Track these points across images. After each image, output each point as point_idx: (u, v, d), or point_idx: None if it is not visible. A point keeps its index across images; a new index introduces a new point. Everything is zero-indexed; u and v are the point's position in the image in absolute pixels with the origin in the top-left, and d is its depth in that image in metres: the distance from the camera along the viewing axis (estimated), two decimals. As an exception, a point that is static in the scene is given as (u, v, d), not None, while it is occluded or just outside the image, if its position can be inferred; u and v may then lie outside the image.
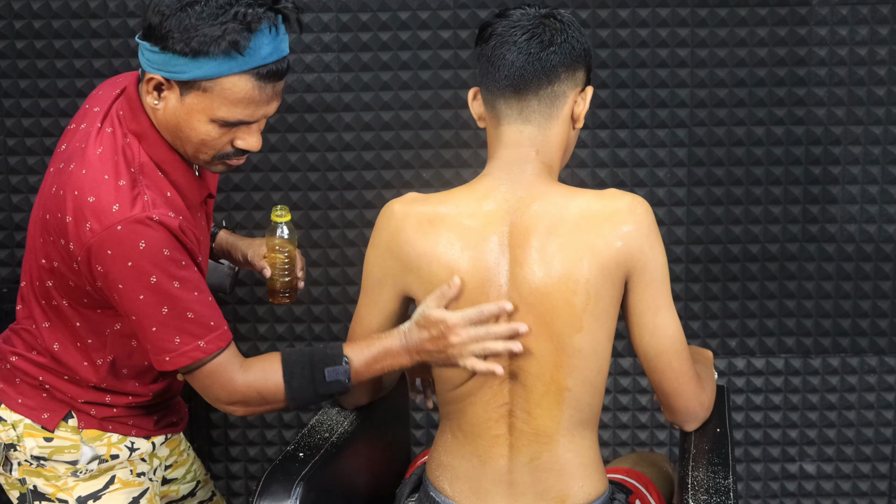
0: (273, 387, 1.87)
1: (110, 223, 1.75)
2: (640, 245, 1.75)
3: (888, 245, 2.81)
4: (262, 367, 1.88)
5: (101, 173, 1.78)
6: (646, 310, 1.79)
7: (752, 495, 2.97)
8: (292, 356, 1.89)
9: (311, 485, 1.81)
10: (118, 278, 1.77)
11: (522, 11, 1.81)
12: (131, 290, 1.78)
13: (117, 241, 1.75)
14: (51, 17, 2.73)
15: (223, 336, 1.85)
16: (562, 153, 1.84)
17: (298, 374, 1.87)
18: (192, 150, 1.83)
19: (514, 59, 1.77)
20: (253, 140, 1.84)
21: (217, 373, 1.85)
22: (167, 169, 1.85)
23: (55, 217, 1.81)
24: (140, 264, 1.75)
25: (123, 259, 1.75)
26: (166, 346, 1.81)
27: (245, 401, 1.88)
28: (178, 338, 1.81)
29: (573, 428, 1.81)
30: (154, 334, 1.81)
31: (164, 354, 1.82)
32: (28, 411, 1.96)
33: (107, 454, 1.99)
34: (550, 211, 1.75)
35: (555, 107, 1.80)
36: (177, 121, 1.80)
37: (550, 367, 1.76)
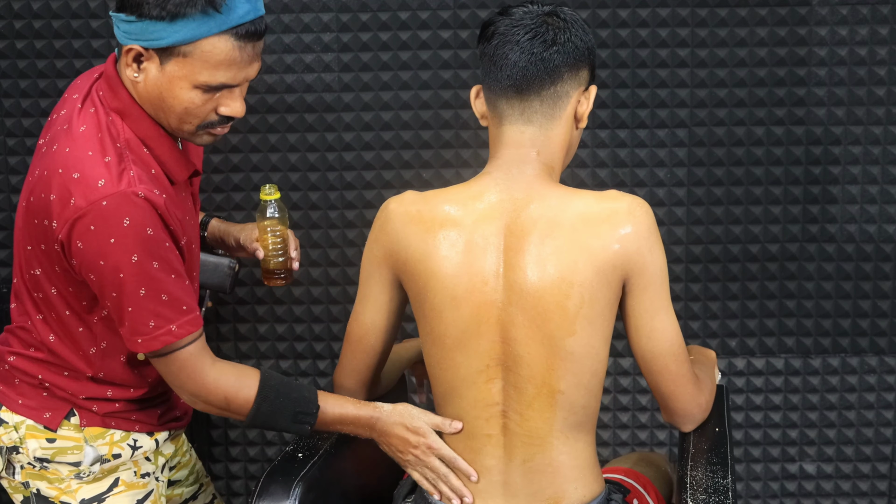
0: (242, 400, 1.89)
1: (95, 198, 1.73)
2: (639, 248, 1.74)
3: (888, 245, 2.81)
4: (237, 376, 1.89)
5: (86, 150, 1.77)
6: (643, 313, 1.78)
7: (752, 495, 2.97)
8: (271, 381, 1.91)
9: (310, 485, 1.81)
10: (99, 254, 1.75)
11: (525, 10, 1.79)
12: (112, 267, 1.75)
13: (101, 217, 1.73)
14: (51, 17, 2.74)
15: (195, 321, 1.84)
16: (563, 153, 1.83)
17: (271, 400, 1.89)
18: (176, 121, 1.82)
19: (517, 59, 1.76)
20: (237, 105, 1.83)
21: (188, 363, 1.85)
22: (152, 145, 1.83)
23: (38, 198, 1.80)
24: (123, 241, 1.74)
25: (106, 235, 1.74)
26: (140, 327, 1.80)
27: (208, 400, 1.88)
28: (153, 321, 1.80)
29: (567, 430, 1.81)
30: (130, 314, 1.79)
31: (136, 336, 1.81)
32: (29, 412, 1.95)
33: (108, 454, 1.97)
34: (547, 212, 1.75)
35: (557, 107, 1.78)
36: (159, 91, 1.78)
37: (542, 370, 1.76)
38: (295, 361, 2.93)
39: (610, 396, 2.93)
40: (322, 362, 2.91)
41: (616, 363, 2.90)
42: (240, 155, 2.81)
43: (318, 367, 2.92)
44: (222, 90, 1.80)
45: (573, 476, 1.83)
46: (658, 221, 2.79)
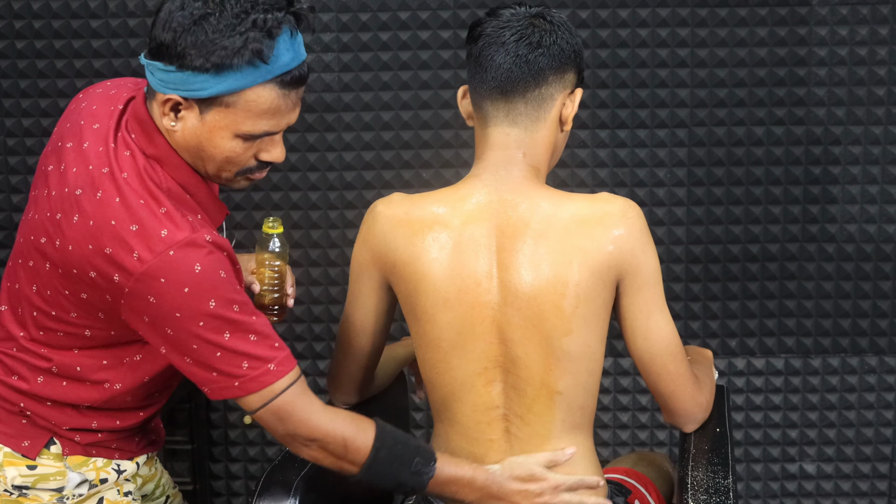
0: (361, 444, 1.77)
1: (162, 249, 1.64)
2: (632, 248, 1.73)
3: (888, 245, 2.81)
4: (353, 420, 1.78)
5: (137, 199, 1.67)
6: (638, 313, 1.78)
7: (752, 495, 2.97)
8: (387, 429, 1.80)
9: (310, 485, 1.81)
10: (173, 307, 1.65)
11: (513, 11, 1.78)
12: (189, 318, 1.66)
13: (171, 268, 1.64)
14: (51, 17, 2.73)
15: (289, 359, 1.75)
16: (549, 155, 1.83)
17: (390, 447, 1.78)
18: (215, 170, 1.74)
19: (502, 61, 1.75)
20: (277, 151, 1.75)
21: (297, 404, 1.74)
22: (192, 191, 1.76)
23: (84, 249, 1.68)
24: (197, 289, 1.65)
25: (179, 286, 1.64)
26: (234, 370, 1.69)
27: (325, 443, 1.76)
28: (246, 362, 1.70)
29: (566, 432, 1.80)
30: (219, 361, 1.69)
31: (233, 380, 1.70)
32: (7, 439, 1.83)
33: (96, 479, 1.88)
34: (539, 214, 1.74)
35: (542, 109, 1.78)
36: (198, 140, 1.70)
37: (540, 371, 1.75)
38: (295, 361, 2.93)
39: (610, 396, 2.93)
40: (322, 362, 2.91)
41: (616, 363, 2.90)
42: (240, 155, 2.81)
43: (318, 367, 2.92)
44: (263, 137, 1.72)
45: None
46: (658, 221, 2.81)
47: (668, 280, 2.85)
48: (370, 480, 1.80)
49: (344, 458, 1.77)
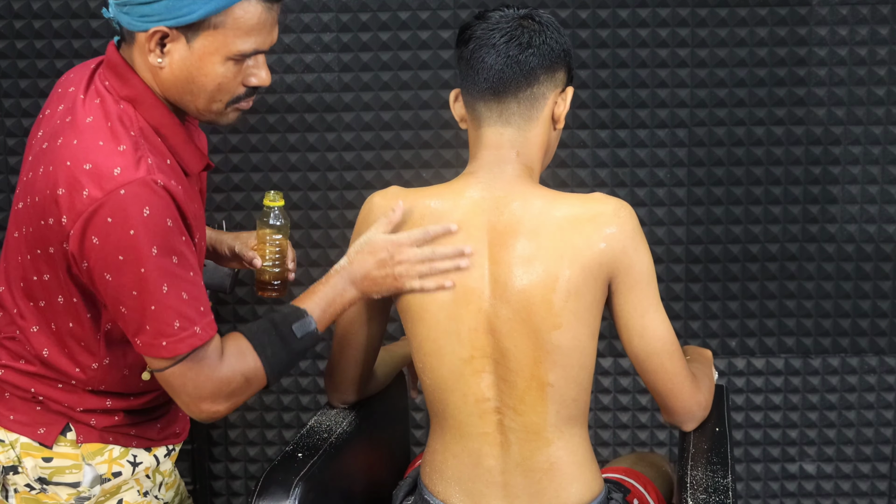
0: (252, 365, 1.77)
1: (112, 187, 1.62)
2: (624, 247, 1.75)
3: (888, 245, 2.81)
4: (234, 350, 1.77)
5: (96, 140, 1.66)
6: (632, 311, 1.79)
7: (752, 495, 2.97)
8: (253, 328, 1.81)
9: (309, 485, 1.81)
10: (118, 248, 1.63)
11: (501, 13, 1.81)
12: (132, 261, 1.63)
13: (120, 207, 1.61)
14: (51, 17, 2.74)
15: (212, 323, 1.74)
16: (542, 154, 1.85)
17: (268, 342, 1.78)
18: (206, 101, 1.73)
19: (493, 62, 1.78)
20: (263, 73, 1.75)
21: (204, 364, 1.72)
22: (166, 133, 1.74)
23: (43, 195, 1.68)
24: (142, 233, 1.62)
25: (125, 227, 1.62)
26: (164, 328, 1.67)
27: (230, 389, 1.75)
28: (178, 321, 1.67)
29: (561, 424, 1.81)
30: (153, 314, 1.66)
31: (160, 339, 1.68)
32: (22, 428, 1.82)
33: (108, 472, 1.86)
34: (532, 212, 1.76)
35: (535, 109, 1.80)
36: (188, 72, 1.70)
37: (530, 363, 1.77)
38: (295, 361, 2.93)
39: (610, 396, 2.93)
40: (322, 362, 2.91)
41: (616, 363, 2.91)
42: (240, 155, 2.81)
43: (318, 367, 2.92)
44: (249, 60, 1.73)
45: (572, 475, 1.83)
46: (658, 221, 2.81)
47: (668, 280, 2.85)
48: (279, 376, 1.83)
49: (249, 388, 1.79)
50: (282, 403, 2.96)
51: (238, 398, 1.78)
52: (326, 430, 1.97)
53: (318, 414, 2.04)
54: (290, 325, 1.80)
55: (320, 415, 2.03)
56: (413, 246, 1.80)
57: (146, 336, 1.69)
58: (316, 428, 1.98)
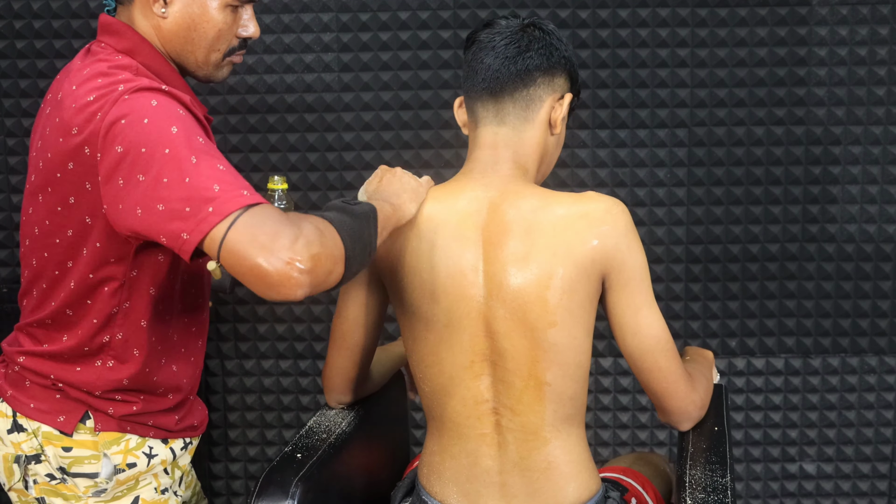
0: (319, 222, 1.55)
1: (117, 97, 1.65)
2: (617, 244, 1.76)
3: (888, 245, 2.81)
4: (296, 215, 1.57)
5: (95, 80, 1.70)
6: (626, 309, 1.79)
7: (752, 495, 2.97)
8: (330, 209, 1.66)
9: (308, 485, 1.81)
10: (138, 143, 1.58)
11: (507, 21, 1.85)
12: (155, 145, 1.57)
13: (129, 107, 1.63)
14: (51, 17, 2.74)
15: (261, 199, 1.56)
16: (538, 157, 1.86)
17: (326, 209, 1.65)
18: (205, 52, 1.83)
19: (491, 62, 1.81)
20: (253, 26, 1.87)
21: (267, 214, 1.51)
22: (165, 79, 1.81)
23: (57, 144, 1.69)
24: (157, 118, 1.61)
25: (138, 120, 1.60)
26: (206, 193, 1.52)
27: (305, 234, 1.49)
28: (218, 185, 1.53)
29: (559, 423, 1.82)
30: (189, 186, 1.53)
31: (205, 205, 1.51)
32: (42, 416, 1.85)
33: (122, 463, 1.86)
34: (526, 211, 1.77)
35: (530, 110, 1.82)
36: (190, 19, 1.81)
37: (527, 362, 1.77)
38: (295, 361, 2.93)
39: (610, 396, 2.93)
40: (322, 362, 2.91)
41: (616, 363, 2.91)
42: (240, 155, 2.81)
43: (318, 366, 2.92)
44: (242, 10, 1.84)
45: (570, 474, 1.83)
46: (658, 221, 2.81)
47: (668, 280, 2.85)
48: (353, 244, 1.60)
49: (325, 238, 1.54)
50: (282, 403, 2.96)
51: (320, 249, 1.51)
52: (325, 430, 1.97)
53: (317, 415, 2.04)
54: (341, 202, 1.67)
55: (319, 415, 2.03)
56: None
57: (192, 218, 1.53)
58: (315, 428, 1.98)
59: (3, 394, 1.89)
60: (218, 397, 2.96)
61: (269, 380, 2.95)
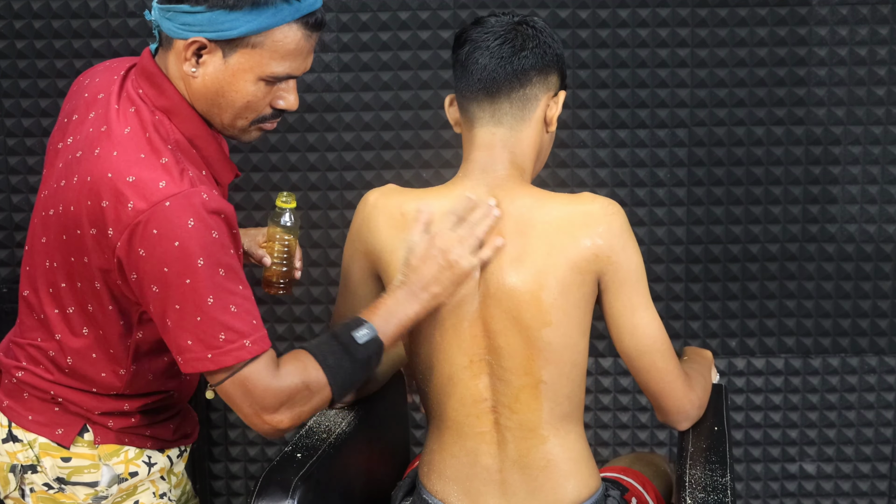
0: (314, 374, 1.71)
1: (158, 199, 1.61)
2: (612, 245, 1.76)
3: (888, 245, 2.81)
4: (293, 362, 1.72)
5: (137, 152, 1.65)
6: (622, 309, 1.80)
7: (752, 495, 2.97)
8: (313, 342, 1.77)
9: (309, 485, 1.81)
10: (162, 261, 1.61)
11: (497, 19, 1.83)
12: (177, 273, 1.61)
13: (165, 219, 1.60)
14: (51, 17, 2.74)
15: (265, 338, 1.70)
16: (534, 156, 1.86)
17: (329, 351, 1.73)
18: (231, 118, 1.74)
19: (487, 62, 1.79)
20: (292, 98, 1.76)
21: (259, 376, 1.68)
22: (200, 145, 1.75)
23: (81, 206, 1.66)
24: (188, 245, 1.61)
25: (170, 238, 1.60)
26: (210, 340, 1.64)
27: (292, 398, 1.70)
28: (223, 333, 1.64)
29: (556, 422, 1.82)
30: (198, 326, 1.64)
31: (207, 351, 1.65)
32: (40, 428, 1.81)
33: (125, 472, 1.85)
34: (521, 211, 1.78)
35: (527, 109, 1.82)
36: (219, 85, 1.70)
37: (523, 361, 1.78)
38: (295, 361, 2.93)
39: (610, 396, 2.93)
40: (322, 362, 2.91)
41: (616, 363, 2.91)
42: (240, 155, 2.81)
43: (318, 367, 2.92)
44: (280, 83, 1.74)
45: (569, 471, 1.84)
46: (658, 221, 2.81)
47: (668, 280, 2.85)
48: (346, 388, 1.77)
49: (312, 397, 1.73)
50: (282, 403, 2.96)
51: (302, 409, 1.73)
52: (325, 430, 1.97)
53: (317, 414, 2.04)
54: (350, 333, 1.74)
55: (319, 415, 2.03)
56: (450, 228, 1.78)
57: (191, 353, 1.66)
58: (315, 428, 1.98)
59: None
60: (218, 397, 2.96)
61: (269, 380, 2.94)
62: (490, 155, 1.82)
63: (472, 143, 1.84)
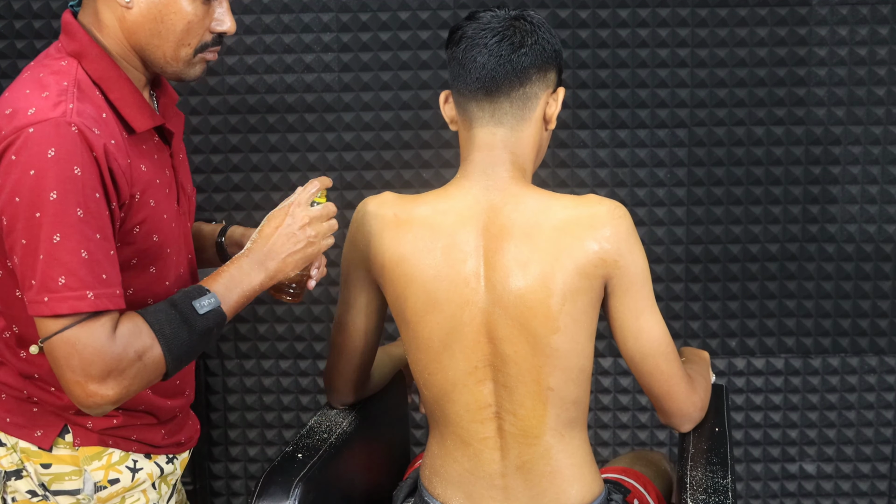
0: (148, 342, 1.58)
1: (22, 125, 1.54)
2: (619, 248, 1.74)
3: (888, 245, 2.81)
4: (128, 327, 1.58)
5: (23, 90, 1.60)
6: (627, 313, 1.78)
7: (752, 495, 2.97)
8: (150, 308, 1.63)
9: (309, 485, 1.81)
10: (15, 189, 1.52)
11: (493, 14, 1.80)
12: (27, 204, 1.52)
13: (24, 145, 1.53)
14: (50, 17, 2.74)
15: (114, 298, 1.56)
16: (534, 154, 1.84)
17: (166, 319, 1.61)
18: (174, 46, 1.69)
19: (485, 61, 1.76)
20: (229, 21, 1.74)
21: (93, 337, 1.54)
22: (109, 87, 1.67)
23: None
24: (43, 174, 1.52)
25: (26, 165, 1.52)
26: (49, 283, 1.52)
27: (120, 368, 1.55)
28: (64, 278, 1.52)
29: (560, 427, 1.81)
30: (40, 264, 1.52)
31: (43, 294, 1.52)
32: (18, 430, 1.73)
33: (104, 479, 1.75)
34: (526, 214, 1.75)
35: (527, 108, 1.79)
36: (157, 11, 1.67)
37: (530, 368, 1.76)
38: (295, 361, 2.93)
39: (610, 396, 2.93)
40: (322, 362, 2.91)
41: (616, 363, 2.91)
42: (240, 155, 2.81)
43: (318, 367, 2.92)
44: (215, 4, 1.71)
45: (572, 476, 1.83)
46: (658, 221, 2.81)
47: (669, 280, 2.85)
48: (181, 361, 1.64)
49: (144, 370, 1.59)
50: (282, 403, 2.96)
51: (131, 382, 1.57)
52: (326, 430, 1.97)
53: (317, 414, 2.04)
54: (191, 302, 1.63)
55: (320, 415, 2.03)
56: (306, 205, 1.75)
57: (31, 292, 1.54)
58: (316, 428, 1.98)
59: None
60: (218, 397, 2.96)
61: (269, 380, 2.95)
62: (490, 156, 1.79)
63: (471, 143, 1.81)
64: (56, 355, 1.55)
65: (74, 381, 1.54)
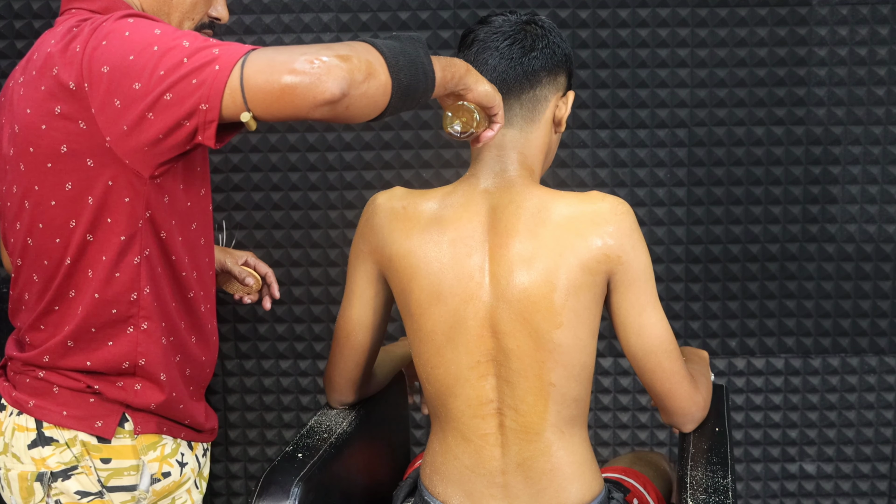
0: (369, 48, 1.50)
1: (94, 26, 1.58)
2: (622, 245, 1.76)
3: (888, 245, 2.81)
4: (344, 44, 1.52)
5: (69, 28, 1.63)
6: (630, 309, 1.79)
7: (752, 495, 2.97)
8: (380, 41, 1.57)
9: (309, 485, 1.81)
10: (124, 53, 1.52)
11: (504, 18, 1.83)
12: (142, 50, 1.52)
13: (108, 31, 1.56)
14: (50, 17, 2.74)
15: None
16: (543, 156, 1.87)
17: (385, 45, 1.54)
18: (179, 19, 1.80)
19: (497, 63, 1.79)
20: (224, 10, 1.85)
21: (283, 48, 1.48)
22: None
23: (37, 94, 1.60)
24: (138, 28, 1.55)
25: (120, 35, 1.54)
26: (206, 59, 1.49)
27: (333, 49, 1.46)
28: (217, 48, 1.51)
29: (562, 425, 1.82)
30: (190, 64, 1.49)
31: (210, 66, 1.48)
32: (78, 422, 1.70)
33: (158, 472, 1.76)
34: (531, 212, 1.77)
35: (537, 111, 1.82)
36: None
37: (532, 363, 1.77)
38: (295, 361, 2.93)
39: (610, 396, 2.93)
40: (322, 362, 2.91)
41: (616, 363, 2.91)
42: (240, 155, 2.81)
43: (318, 367, 2.92)
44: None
45: (573, 474, 1.83)
46: (658, 221, 2.81)
47: (668, 280, 2.85)
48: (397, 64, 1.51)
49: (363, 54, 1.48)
50: (282, 403, 2.96)
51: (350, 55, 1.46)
52: (326, 430, 1.97)
53: (317, 414, 2.04)
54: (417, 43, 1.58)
55: (320, 415, 2.03)
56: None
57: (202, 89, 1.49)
58: (316, 428, 1.98)
59: (22, 405, 1.73)
60: (218, 397, 2.96)
61: (269, 380, 2.95)
62: (500, 155, 1.82)
63: None
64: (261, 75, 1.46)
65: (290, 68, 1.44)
